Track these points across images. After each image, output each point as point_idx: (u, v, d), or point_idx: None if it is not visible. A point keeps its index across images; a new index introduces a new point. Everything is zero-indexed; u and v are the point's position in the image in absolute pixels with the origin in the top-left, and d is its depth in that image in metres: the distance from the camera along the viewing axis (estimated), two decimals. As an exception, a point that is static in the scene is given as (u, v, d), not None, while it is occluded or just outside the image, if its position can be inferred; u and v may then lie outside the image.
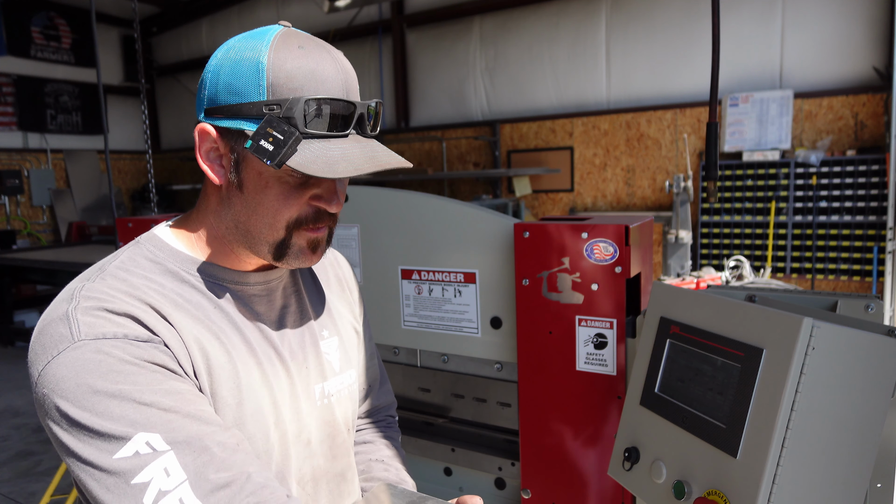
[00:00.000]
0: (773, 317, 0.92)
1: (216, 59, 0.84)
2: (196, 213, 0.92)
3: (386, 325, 1.80)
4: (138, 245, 0.88)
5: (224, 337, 0.85)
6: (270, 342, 0.91)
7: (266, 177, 0.83)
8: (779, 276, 6.33)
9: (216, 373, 0.82)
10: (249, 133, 0.79)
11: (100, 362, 0.72)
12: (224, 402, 0.82)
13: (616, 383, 1.42)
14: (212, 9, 10.31)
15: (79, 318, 0.75)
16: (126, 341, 0.75)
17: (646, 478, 1.11)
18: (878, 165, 5.82)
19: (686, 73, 6.80)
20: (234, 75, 0.80)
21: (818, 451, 0.90)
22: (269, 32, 0.84)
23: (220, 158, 0.85)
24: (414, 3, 8.59)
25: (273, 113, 0.78)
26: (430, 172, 7.89)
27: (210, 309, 0.86)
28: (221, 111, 0.81)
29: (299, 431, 0.93)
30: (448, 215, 1.65)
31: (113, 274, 0.82)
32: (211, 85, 0.83)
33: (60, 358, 0.72)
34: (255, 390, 0.86)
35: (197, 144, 0.84)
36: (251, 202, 0.85)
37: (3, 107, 9.25)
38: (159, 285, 0.83)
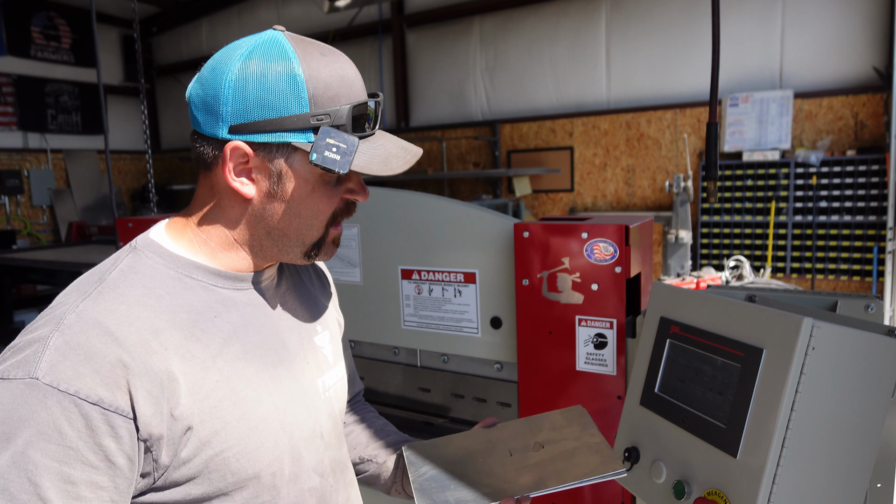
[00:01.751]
0: (773, 317, 0.92)
1: (231, 74, 0.81)
2: (198, 219, 0.90)
3: (386, 325, 1.80)
4: (136, 253, 0.85)
5: (221, 345, 0.84)
6: (273, 344, 0.91)
7: (311, 182, 0.86)
8: (779, 276, 6.33)
9: (209, 398, 0.80)
10: (298, 144, 0.82)
11: (36, 413, 0.68)
12: (224, 422, 0.81)
13: (616, 383, 1.42)
14: (212, 9, 10.31)
15: (49, 352, 0.70)
16: (75, 402, 0.69)
17: (646, 478, 1.11)
18: (878, 165, 5.82)
19: (686, 73, 6.80)
20: (265, 90, 0.80)
21: (818, 451, 0.90)
22: (280, 42, 0.83)
23: (249, 173, 0.85)
24: (414, 3, 8.59)
25: (323, 123, 0.81)
26: (430, 172, 7.90)
27: (210, 318, 0.84)
28: (255, 127, 0.81)
29: (313, 426, 0.94)
30: (448, 215, 1.65)
31: (113, 287, 0.79)
32: (235, 101, 0.81)
33: (10, 384, 0.69)
34: (260, 399, 0.86)
35: (225, 163, 0.83)
36: (295, 208, 0.87)
37: (3, 107, 9.25)
38: (157, 298, 0.80)
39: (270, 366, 0.89)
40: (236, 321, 0.87)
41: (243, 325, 0.88)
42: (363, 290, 1.82)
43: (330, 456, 0.97)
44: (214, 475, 0.80)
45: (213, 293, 0.87)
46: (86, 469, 0.70)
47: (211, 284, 0.87)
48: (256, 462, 0.83)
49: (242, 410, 0.82)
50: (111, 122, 10.39)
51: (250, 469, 0.83)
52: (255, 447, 0.83)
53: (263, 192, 0.86)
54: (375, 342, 1.85)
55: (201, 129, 0.84)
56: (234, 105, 0.81)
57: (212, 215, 0.89)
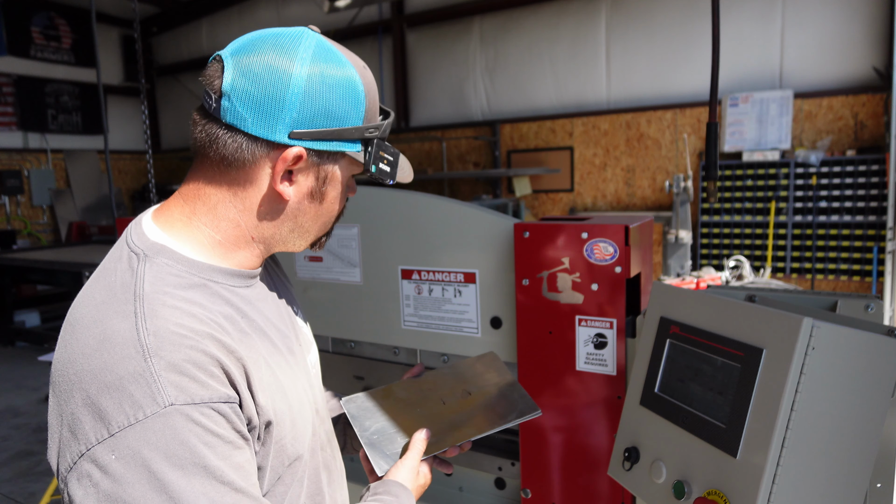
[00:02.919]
0: (773, 317, 0.92)
1: (298, 80, 0.80)
2: (209, 216, 0.87)
3: (386, 325, 1.80)
4: (151, 262, 0.81)
5: (255, 340, 0.87)
6: (281, 331, 0.95)
7: (344, 185, 0.92)
8: (779, 276, 6.33)
9: (265, 390, 0.83)
10: (352, 154, 0.87)
11: (189, 433, 0.71)
12: (279, 412, 0.85)
13: (616, 383, 1.42)
14: (212, 9, 10.31)
15: (164, 379, 0.71)
16: (210, 407, 0.73)
17: (646, 478, 1.11)
18: (877, 165, 5.83)
19: (686, 73, 6.80)
20: (331, 100, 0.83)
21: (818, 451, 0.90)
22: (333, 49, 0.86)
23: (292, 175, 0.86)
24: (414, 3, 8.59)
25: (374, 136, 0.87)
26: (430, 172, 7.90)
27: (240, 319, 0.86)
28: (317, 135, 0.83)
29: (313, 402, 0.99)
30: (448, 215, 1.65)
31: (158, 302, 0.77)
32: (302, 109, 0.81)
33: (148, 423, 0.69)
34: (293, 385, 0.91)
35: (278, 167, 0.83)
36: (326, 208, 0.92)
37: (3, 107, 9.25)
38: (199, 307, 0.80)
39: (287, 353, 0.94)
40: (257, 317, 0.90)
41: (263, 320, 0.91)
42: (363, 290, 1.82)
43: (325, 428, 1.04)
44: (275, 462, 0.86)
45: (234, 294, 0.88)
46: (241, 452, 0.76)
47: (231, 286, 0.88)
48: (301, 444, 0.90)
49: (289, 400, 0.88)
50: (111, 122, 10.40)
51: (298, 450, 0.90)
52: (300, 431, 0.90)
53: (304, 192, 0.88)
54: (375, 342, 1.85)
55: (247, 127, 0.81)
56: (300, 112, 0.81)
57: (228, 213, 0.87)
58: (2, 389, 5.68)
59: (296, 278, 1.94)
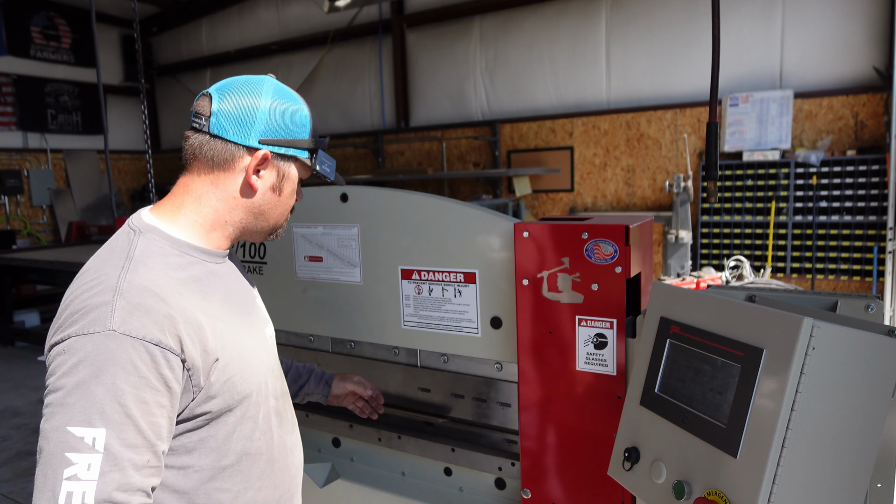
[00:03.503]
0: (773, 317, 0.92)
1: (265, 107, 1.14)
2: (194, 208, 1.17)
3: (386, 325, 1.80)
4: (144, 236, 1.11)
5: (219, 304, 1.14)
6: (241, 302, 1.24)
7: (295, 184, 1.24)
8: (779, 276, 6.33)
9: (220, 339, 1.09)
10: (303, 159, 1.21)
11: (116, 355, 0.95)
12: (231, 356, 1.11)
13: (616, 383, 1.42)
14: (212, 9, 10.31)
15: (118, 311, 0.98)
16: (144, 344, 0.97)
17: (646, 478, 1.11)
18: (878, 165, 5.82)
19: (686, 73, 6.80)
20: (287, 121, 1.17)
21: (818, 451, 0.90)
22: (287, 90, 1.19)
23: (259, 172, 1.17)
24: (414, 3, 8.59)
25: (318, 147, 1.22)
26: (430, 172, 7.90)
27: (208, 284, 1.14)
28: (281, 143, 1.16)
29: (269, 362, 1.27)
30: (448, 215, 1.65)
31: (142, 262, 1.06)
32: (267, 124, 1.14)
33: (93, 337, 0.96)
34: (245, 340, 1.18)
35: (251, 163, 1.14)
36: (282, 201, 1.23)
37: (3, 107, 9.25)
38: (175, 269, 1.09)
39: (245, 317, 1.22)
40: (220, 286, 1.18)
41: (225, 289, 1.20)
42: (363, 290, 1.82)
43: (279, 385, 1.31)
44: (227, 394, 1.10)
45: (204, 266, 1.16)
46: (154, 392, 0.98)
47: (203, 260, 1.17)
48: (249, 384, 1.16)
49: (240, 348, 1.15)
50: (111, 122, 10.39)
51: (246, 389, 1.15)
52: (249, 373, 1.16)
53: (267, 186, 1.19)
54: (375, 342, 1.84)
55: (228, 136, 1.13)
56: (266, 127, 1.14)
57: (210, 201, 1.17)
58: (2, 389, 5.68)
59: (296, 278, 1.94)
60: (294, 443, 1.34)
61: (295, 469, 1.33)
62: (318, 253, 1.88)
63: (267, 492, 1.22)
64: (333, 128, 9.55)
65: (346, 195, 1.80)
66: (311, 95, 9.51)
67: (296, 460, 1.33)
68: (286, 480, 1.28)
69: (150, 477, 0.98)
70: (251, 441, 1.17)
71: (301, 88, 9.61)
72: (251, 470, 1.18)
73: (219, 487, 1.12)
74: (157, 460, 1.00)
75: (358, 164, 9.44)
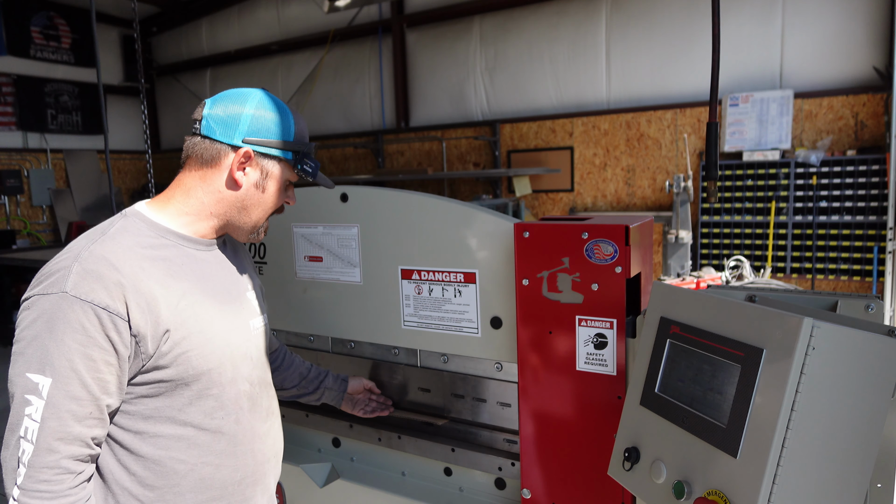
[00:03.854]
0: (773, 317, 0.92)
1: (249, 110, 1.26)
2: (182, 199, 1.28)
3: (386, 325, 1.80)
4: (127, 218, 1.24)
5: (188, 284, 1.22)
6: (221, 289, 1.31)
7: (280, 184, 1.33)
8: (779, 276, 6.33)
9: (180, 314, 1.18)
10: (285, 159, 1.31)
11: (66, 314, 1.07)
12: (189, 331, 1.18)
13: (616, 383, 1.42)
14: (212, 9, 10.31)
15: (73, 275, 1.08)
16: (92, 307, 1.07)
17: (646, 478, 1.11)
18: (878, 165, 5.82)
19: (686, 73, 6.80)
20: (272, 123, 1.28)
21: (818, 451, 0.90)
22: (276, 99, 1.32)
23: (244, 168, 1.27)
24: (414, 3, 8.59)
25: (302, 150, 1.33)
26: (430, 172, 7.89)
27: (180, 265, 1.23)
28: (263, 143, 1.27)
29: (246, 350, 1.33)
30: (448, 215, 1.65)
31: (112, 237, 1.17)
32: (251, 126, 1.26)
33: (49, 297, 1.08)
34: (212, 321, 1.24)
35: (234, 160, 1.26)
36: (264, 200, 1.32)
37: (3, 107, 9.25)
38: (143, 248, 1.19)
39: (220, 303, 1.29)
40: (197, 270, 1.27)
41: (202, 273, 1.28)
42: (363, 290, 1.82)
43: (257, 374, 1.37)
44: (181, 367, 1.18)
45: (181, 250, 1.26)
46: (101, 351, 1.08)
47: (179, 244, 1.26)
48: (208, 362, 1.22)
49: (201, 326, 1.22)
50: (111, 122, 10.39)
51: (204, 366, 1.21)
52: (209, 352, 1.22)
53: (251, 182, 1.29)
54: (375, 342, 1.84)
55: (216, 136, 1.25)
56: (250, 128, 1.26)
57: (198, 194, 1.28)
58: (2, 389, 5.67)
59: (296, 278, 1.94)
60: (266, 431, 1.38)
61: (263, 456, 1.36)
62: (318, 253, 1.88)
63: (226, 471, 1.27)
64: (333, 128, 9.55)
65: (346, 195, 1.80)
66: (311, 95, 9.51)
67: (265, 448, 1.38)
68: (249, 464, 1.32)
69: (92, 428, 1.10)
70: (211, 418, 1.24)
71: (301, 88, 9.61)
72: (211, 446, 1.24)
73: (174, 457, 1.20)
74: (101, 413, 1.11)
75: (358, 164, 9.44)
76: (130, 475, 1.18)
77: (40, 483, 1.05)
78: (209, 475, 1.25)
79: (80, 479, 1.10)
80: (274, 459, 1.43)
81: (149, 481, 1.18)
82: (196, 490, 1.23)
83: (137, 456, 1.18)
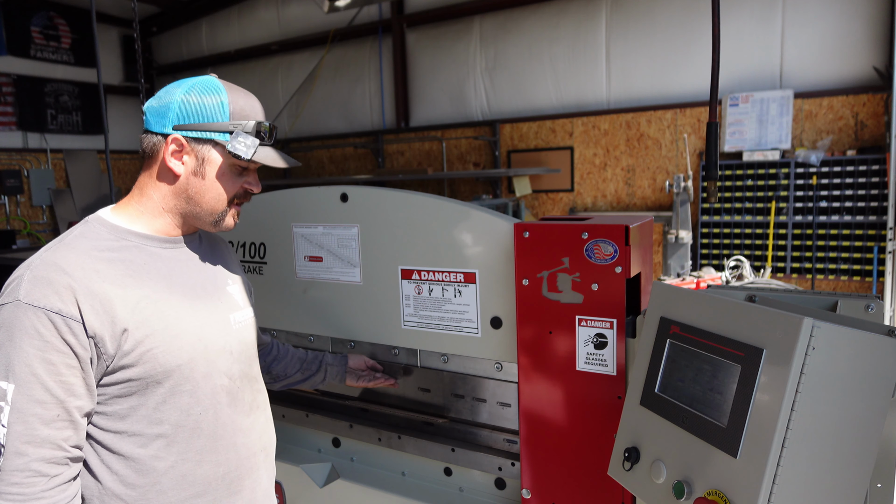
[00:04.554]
0: (773, 317, 0.92)
1: (179, 96, 1.24)
2: (139, 196, 1.29)
3: (386, 325, 1.80)
4: (86, 223, 1.25)
5: (151, 283, 1.22)
6: (192, 285, 1.30)
7: (223, 169, 1.28)
8: (779, 276, 6.33)
9: (141, 313, 1.17)
10: (218, 140, 1.25)
11: (22, 322, 1.09)
12: (152, 329, 1.18)
13: (616, 383, 1.42)
14: (212, 9, 10.30)
15: (25, 283, 1.11)
16: (45, 312, 1.09)
17: (646, 478, 1.11)
18: (878, 165, 5.82)
19: (686, 73, 6.80)
20: (202, 105, 1.24)
21: (818, 451, 0.90)
22: (214, 80, 1.27)
23: (180, 156, 1.25)
24: (414, 3, 8.59)
25: (238, 128, 1.25)
26: (430, 172, 7.89)
27: (141, 265, 1.23)
28: (193, 128, 1.24)
29: (224, 344, 1.32)
30: (448, 215, 1.65)
31: (67, 244, 1.19)
32: (180, 111, 1.24)
33: (6, 307, 1.11)
34: (180, 317, 1.23)
35: (166, 148, 1.24)
36: (209, 186, 1.28)
37: (3, 107, 9.24)
38: (100, 251, 1.19)
39: (191, 299, 1.28)
40: (162, 268, 1.26)
41: (168, 272, 1.27)
42: (363, 290, 1.82)
43: (238, 368, 1.36)
44: (147, 364, 1.18)
45: (143, 251, 1.26)
46: (59, 354, 1.09)
47: (142, 244, 1.26)
48: (177, 358, 1.21)
49: (167, 323, 1.21)
50: (111, 122, 10.38)
51: (172, 362, 1.20)
52: (177, 348, 1.21)
53: (189, 170, 1.26)
54: (375, 342, 1.84)
55: (151, 127, 1.26)
56: (178, 114, 1.24)
57: (149, 191, 1.29)
58: None
59: (296, 278, 1.94)
60: (250, 425, 1.37)
61: (247, 450, 1.35)
62: (318, 253, 1.88)
63: (207, 467, 1.27)
64: (333, 128, 9.55)
65: (346, 195, 1.80)
66: (310, 95, 9.51)
67: (250, 442, 1.36)
68: (232, 459, 1.32)
69: (62, 430, 1.11)
70: (188, 415, 1.24)
71: (301, 88, 9.61)
72: (190, 443, 1.24)
73: (154, 455, 1.20)
74: (70, 415, 1.11)
75: (358, 164, 9.44)
76: (113, 474, 1.19)
77: (11, 486, 1.07)
78: (190, 471, 1.25)
79: (57, 481, 1.10)
80: (262, 453, 1.41)
81: (130, 480, 1.19)
82: (178, 487, 1.23)
83: (118, 455, 1.19)
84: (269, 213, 1.96)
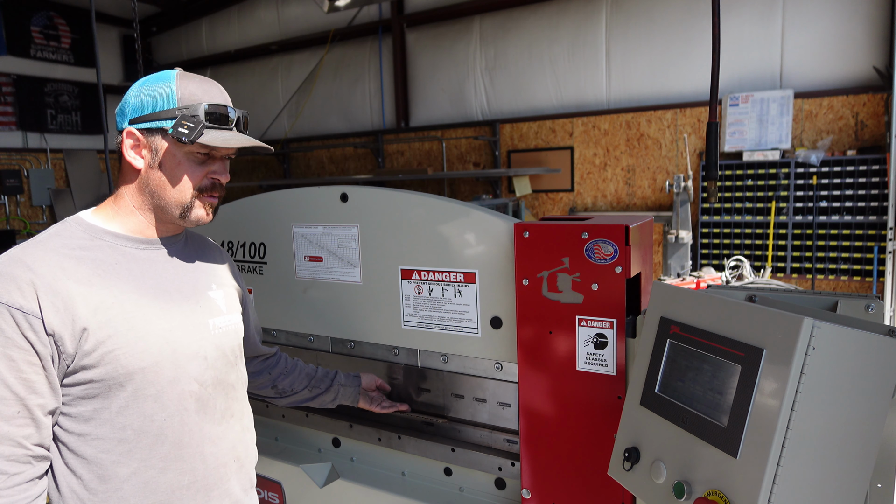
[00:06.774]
0: (773, 317, 0.92)
1: (133, 91, 1.25)
2: (114, 200, 1.29)
3: (386, 325, 1.80)
4: (63, 223, 1.25)
5: (119, 283, 1.20)
6: (166, 288, 1.27)
7: (178, 157, 1.25)
8: (779, 276, 6.33)
9: (105, 313, 1.15)
10: (165, 127, 1.22)
11: None
12: (115, 329, 1.15)
13: (616, 383, 1.42)
14: (212, 9, 10.30)
15: None
16: (6, 308, 1.08)
17: (646, 478, 1.11)
18: (878, 165, 5.82)
19: (686, 73, 6.80)
20: (151, 95, 1.24)
21: (818, 451, 0.90)
22: (169, 72, 1.26)
23: (139, 150, 1.25)
24: (414, 3, 8.58)
25: (184, 112, 1.22)
26: (430, 172, 7.89)
27: (112, 265, 1.21)
28: (144, 119, 1.23)
29: (197, 349, 1.28)
30: (448, 215, 1.65)
31: (38, 241, 1.19)
32: (133, 104, 1.24)
33: None
34: (147, 319, 1.20)
35: (123, 143, 1.24)
36: (168, 177, 1.26)
37: (2, 107, 9.24)
38: (70, 249, 1.19)
39: (163, 301, 1.25)
40: (134, 269, 1.24)
41: (141, 272, 1.25)
42: (363, 290, 1.82)
43: (212, 374, 1.31)
44: (109, 366, 1.15)
45: (116, 250, 1.24)
46: (20, 351, 1.09)
47: (116, 244, 1.25)
48: (140, 360, 1.18)
49: (131, 324, 1.18)
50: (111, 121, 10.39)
51: (135, 364, 1.17)
52: (140, 350, 1.18)
53: (147, 163, 1.25)
54: (375, 342, 1.84)
55: (117, 126, 1.27)
56: (133, 108, 1.25)
57: (121, 191, 1.29)
58: None
59: (296, 278, 1.94)
60: (221, 434, 1.32)
61: (216, 460, 1.31)
62: (318, 253, 1.88)
63: (172, 475, 1.23)
64: (333, 128, 9.55)
65: (346, 195, 1.80)
66: (310, 95, 9.51)
67: (219, 452, 1.31)
68: (199, 468, 1.27)
69: (23, 427, 1.10)
70: (152, 421, 1.21)
71: (301, 88, 9.61)
72: (153, 449, 1.21)
73: (116, 461, 1.18)
74: (31, 412, 1.10)
75: (358, 164, 9.44)
76: (77, 477, 1.17)
77: None
78: (153, 479, 1.21)
79: (17, 480, 1.09)
80: (234, 464, 1.36)
81: (92, 484, 1.17)
82: (140, 494, 1.20)
83: (81, 458, 1.17)
84: (269, 213, 1.96)
